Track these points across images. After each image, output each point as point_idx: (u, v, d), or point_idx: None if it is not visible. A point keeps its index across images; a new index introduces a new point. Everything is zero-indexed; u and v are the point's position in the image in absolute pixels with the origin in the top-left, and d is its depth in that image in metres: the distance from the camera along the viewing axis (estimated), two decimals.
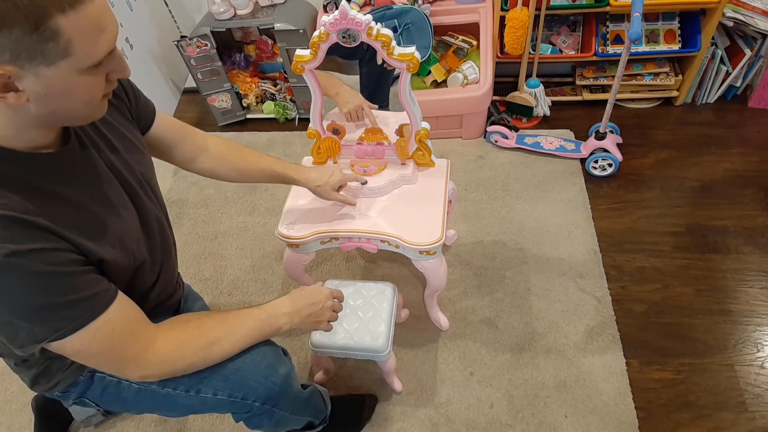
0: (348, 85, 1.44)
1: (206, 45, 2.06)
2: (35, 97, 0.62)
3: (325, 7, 2.05)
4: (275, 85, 2.32)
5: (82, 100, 0.67)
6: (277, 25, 1.99)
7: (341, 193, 1.21)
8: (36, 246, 0.64)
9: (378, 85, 1.92)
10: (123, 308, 0.76)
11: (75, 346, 0.71)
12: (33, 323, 0.67)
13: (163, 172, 2.07)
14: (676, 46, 1.93)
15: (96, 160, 0.79)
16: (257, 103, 2.33)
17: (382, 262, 1.70)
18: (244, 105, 2.33)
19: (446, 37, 2.10)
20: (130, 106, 0.91)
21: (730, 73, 2.00)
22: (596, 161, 1.86)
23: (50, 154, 0.72)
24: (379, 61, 1.77)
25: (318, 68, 1.15)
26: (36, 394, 1.35)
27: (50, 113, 0.65)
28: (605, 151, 1.85)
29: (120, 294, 0.75)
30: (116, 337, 0.74)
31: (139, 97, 0.93)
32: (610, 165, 1.86)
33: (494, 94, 2.12)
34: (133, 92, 0.92)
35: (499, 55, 2.07)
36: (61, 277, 0.67)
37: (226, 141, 1.12)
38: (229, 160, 1.11)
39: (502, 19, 1.92)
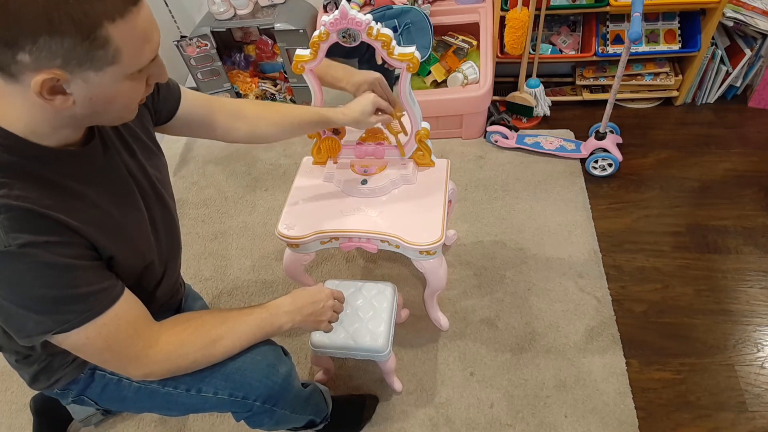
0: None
1: (206, 45, 2.06)
2: (81, 100, 0.64)
3: (325, 7, 2.05)
4: (275, 85, 2.32)
5: (123, 103, 0.70)
6: (277, 25, 2.00)
7: (377, 115, 1.19)
8: (52, 238, 0.66)
9: None
10: (129, 305, 0.77)
11: (80, 339, 0.72)
12: (42, 314, 0.68)
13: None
14: (676, 46, 1.93)
15: (116, 162, 0.81)
16: None
17: (382, 262, 1.70)
18: None
19: (446, 37, 2.10)
20: (150, 106, 0.91)
21: (730, 73, 2.00)
22: (596, 161, 1.86)
23: (73, 152, 0.74)
24: (379, 62, 1.77)
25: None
26: (35, 394, 1.35)
27: (92, 114, 0.68)
28: (605, 151, 1.85)
29: (127, 291, 0.77)
30: (121, 333, 0.75)
31: (159, 88, 0.93)
32: (610, 165, 1.86)
33: (494, 94, 2.12)
34: (156, 88, 0.91)
35: (499, 55, 2.07)
36: (74, 270, 0.68)
37: (257, 101, 1.11)
38: (266, 117, 1.08)
39: (502, 19, 1.92)
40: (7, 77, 0.61)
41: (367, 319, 1.18)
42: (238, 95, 2.30)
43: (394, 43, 1.06)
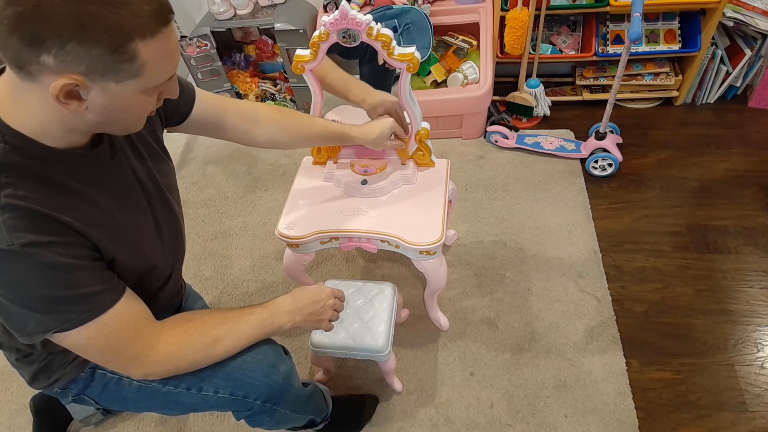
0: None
1: (206, 45, 2.06)
2: (95, 107, 0.65)
3: (325, 7, 2.05)
4: (275, 85, 2.32)
5: (134, 115, 0.71)
6: (277, 25, 2.00)
7: (392, 140, 1.21)
8: (54, 239, 0.67)
9: (379, 85, 1.91)
10: (131, 305, 0.77)
11: (81, 339, 0.72)
12: (43, 313, 0.69)
13: None
14: (676, 46, 1.93)
15: (123, 167, 0.82)
16: None
17: (382, 262, 1.70)
18: None
19: (446, 37, 2.10)
20: (160, 111, 0.92)
21: (730, 73, 2.00)
22: (596, 161, 1.86)
23: (82, 155, 0.74)
24: (380, 62, 1.77)
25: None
26: (34, 394, 1.35)
27: (102, 122, 0.69)
28: (605, 151, 1.85)
29: (128, 290, 0.77)
30: (122, 333, 0.75)
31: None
32: (610, 165, 1.86)
33: (494, 94, 2.12)
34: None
35: (499, 55, 2.07)
36: (75, 270, 0.69)
37: (276, 107, 1.12)
38: (284, 126, 1.09)
39: (502, 19, 1.92)
40: (24, 75, 0.61)
41: (367, 319, 1.18)
42: (238, 95, 2.30)
43: (394, 43, 1.06)
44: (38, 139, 0.68)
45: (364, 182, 1.24)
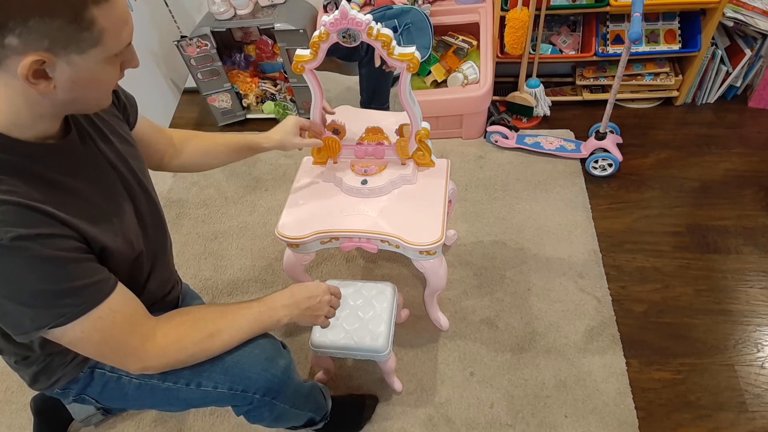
0: (348, 85, 1.42)
1: (206, 45, 2.06)
2: (62, 84, 0.65)
3: (325, 7, 2.05)
4: (275, 85, 2.32)
5: (102, 88, 0.72)
6: (277, 25, 1.99)
7: (306, 136, 1.23)
8: (43, 231, 0.67)
9: (378, 87, 1.92)
10: (124, 298, 0.77)
11: (76, 334, 0.72)
12: (37, 308, 0.69)
13: (163, 173, 2.06)
14: (676, 46, 1.93)
15: (95, 152, 0.82)
16: (257, 103, 2.33)
17: (382, 262, 1.70)
18: (244, 105, 2.33)
19: (446, 37, 2.10)
20: (117, 103, 0.93)
21: (730, 73, 2.00)
22: (596, 161, 1.86)
23: (54, 145, 0.74)
24: (378, 63, 1.77)
25: (317, 69, 1.15)
26: (35, 394, 1.36)
27: (72, 100, 0.69)
28: (605, 151, 1.85)
29: (120, 284, 0.77)
30: (117, 327, 0.75)
31: (119, 94, 0.95)
32: (610, 165, 1.86)
33: (494, 94, 2.12)
34: (117, 90, 0.94)
35: (499, 55, 2.07)
36: (66, 263, 0.69)
37: (186, 131, 1.15)
38: (195, 144, 1.13)
39: (502, 19, 1.92)
40: None
41: (367, 319, 1.18)
42: (238, 95, 2.30)
43: (394, 43, 1.06)
44: (9, 133, 0.68)
45: (364, 182, 1.24)
